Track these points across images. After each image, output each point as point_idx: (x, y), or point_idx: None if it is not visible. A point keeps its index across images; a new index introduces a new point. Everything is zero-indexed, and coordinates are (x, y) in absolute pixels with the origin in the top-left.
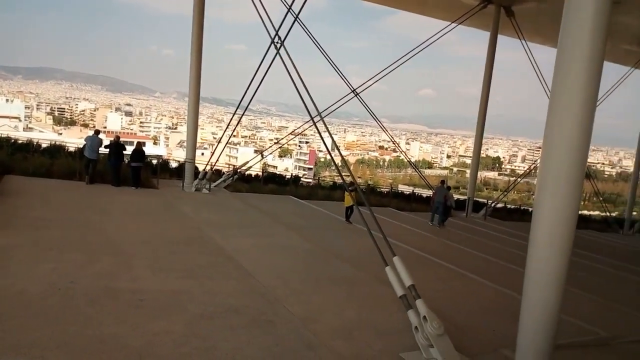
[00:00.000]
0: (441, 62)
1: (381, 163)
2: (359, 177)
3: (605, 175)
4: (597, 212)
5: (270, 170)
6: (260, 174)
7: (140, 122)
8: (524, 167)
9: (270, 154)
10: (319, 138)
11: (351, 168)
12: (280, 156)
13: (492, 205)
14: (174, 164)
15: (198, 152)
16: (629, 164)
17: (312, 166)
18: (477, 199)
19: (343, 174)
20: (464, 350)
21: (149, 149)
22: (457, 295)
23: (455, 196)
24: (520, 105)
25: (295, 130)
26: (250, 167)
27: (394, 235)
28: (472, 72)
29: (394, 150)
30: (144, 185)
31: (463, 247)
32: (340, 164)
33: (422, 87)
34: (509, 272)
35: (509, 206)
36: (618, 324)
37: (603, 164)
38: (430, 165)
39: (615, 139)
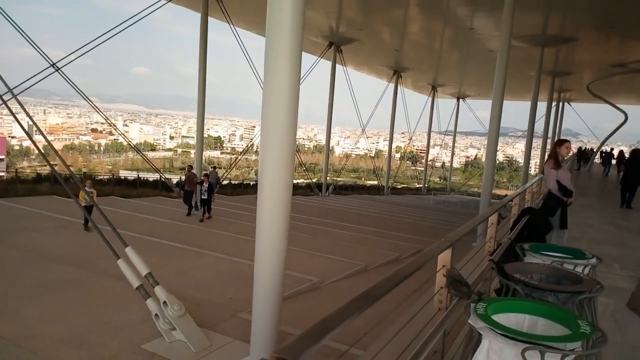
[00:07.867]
0: (156, 39)
1: (96, 148)
2: (70, 166)
3: (306, 148)
4: (302, 180)
5: None
6: None
7: None
8: (242, 145)
9: None
10: (9, 122)
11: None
12: None
13: (220, 182)
14: None
15: None
16: (322, 138)
17: (3, 156)
18: None
19: (52, 162)
20: (206, 324)
21: None
22: (193, 273)
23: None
24: (235, 87)
25: None
26: None
27: (121, 226)
28: (188, 52)
29: (111, 133)
30: None
31: (195, 226)
32: (46, 151)
33: (136, 65)
34: (242, 243)
35: (233, 182)
36: (324, 269)
37: (304, 139)
38: (153, 148)
39: (309, 117)
